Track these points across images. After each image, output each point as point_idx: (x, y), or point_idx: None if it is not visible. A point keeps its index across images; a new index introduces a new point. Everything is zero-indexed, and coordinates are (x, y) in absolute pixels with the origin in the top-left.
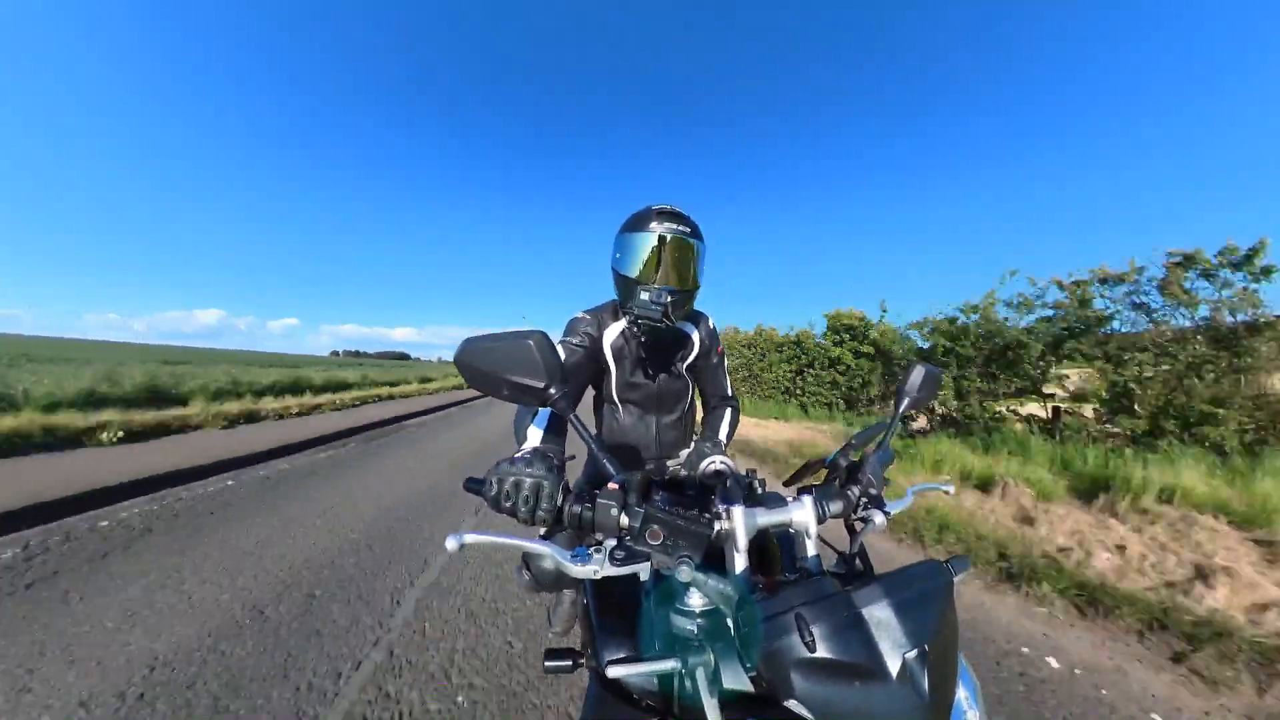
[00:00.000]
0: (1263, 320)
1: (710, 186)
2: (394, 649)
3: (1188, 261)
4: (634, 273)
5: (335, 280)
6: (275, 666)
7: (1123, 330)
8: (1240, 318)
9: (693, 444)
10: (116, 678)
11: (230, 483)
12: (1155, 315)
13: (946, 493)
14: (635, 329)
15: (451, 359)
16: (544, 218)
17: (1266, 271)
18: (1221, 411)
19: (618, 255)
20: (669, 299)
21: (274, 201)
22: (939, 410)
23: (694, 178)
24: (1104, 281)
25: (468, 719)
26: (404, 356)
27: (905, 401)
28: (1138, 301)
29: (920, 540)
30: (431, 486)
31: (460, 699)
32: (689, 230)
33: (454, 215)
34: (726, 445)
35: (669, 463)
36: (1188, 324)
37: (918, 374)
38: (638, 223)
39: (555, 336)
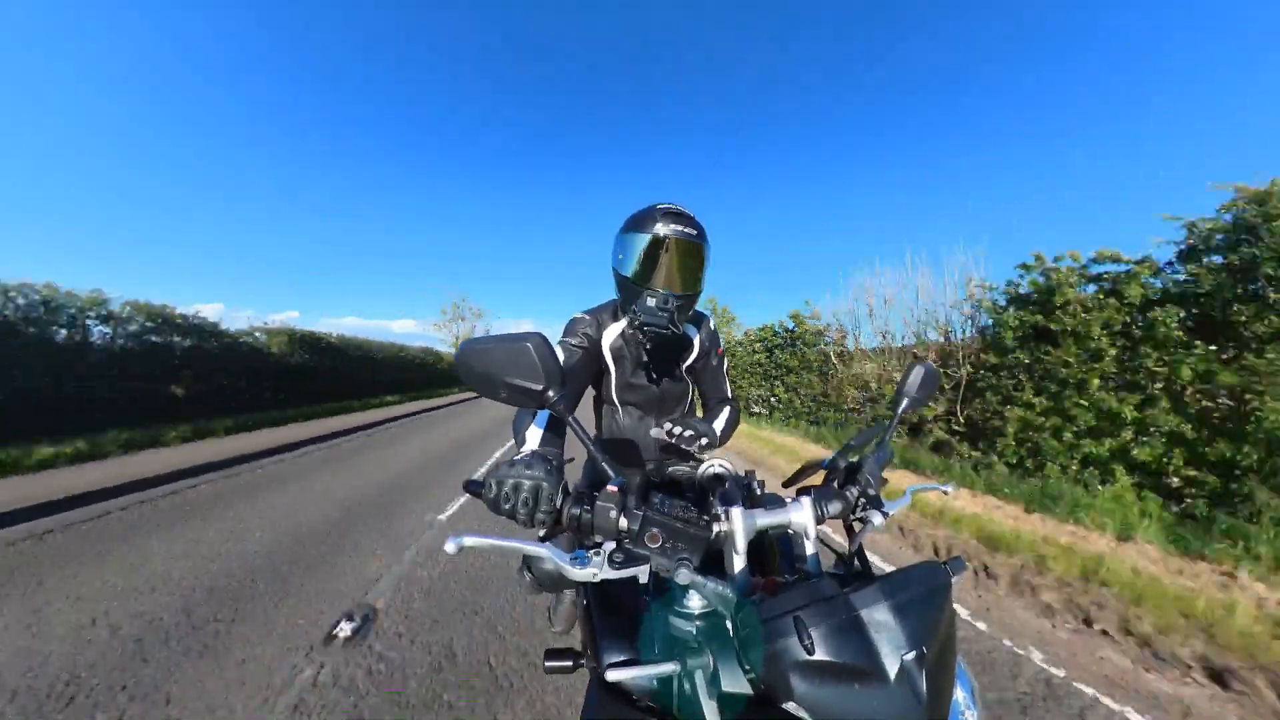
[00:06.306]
0: None
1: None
2: None
3: None
4: (637, 276)
5: (333, 272)
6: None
7: None
8: None
9: None
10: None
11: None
12: None
13: (945, 493)
14: (640, 334)
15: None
16: (545, 210)
17: None
18: None
19: (620, 256)
20: (675, 305)
21: (269, 191)
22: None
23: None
24: None
25: None
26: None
27: (904, 402)
28: None
29: None
30: None
31: None
32: (695, 233)
33: (453, 206)
34: (723, 443)
35: (668, 464)
36: None
37: (917, 374)
38: (641, 223)
39: (553, 339)
